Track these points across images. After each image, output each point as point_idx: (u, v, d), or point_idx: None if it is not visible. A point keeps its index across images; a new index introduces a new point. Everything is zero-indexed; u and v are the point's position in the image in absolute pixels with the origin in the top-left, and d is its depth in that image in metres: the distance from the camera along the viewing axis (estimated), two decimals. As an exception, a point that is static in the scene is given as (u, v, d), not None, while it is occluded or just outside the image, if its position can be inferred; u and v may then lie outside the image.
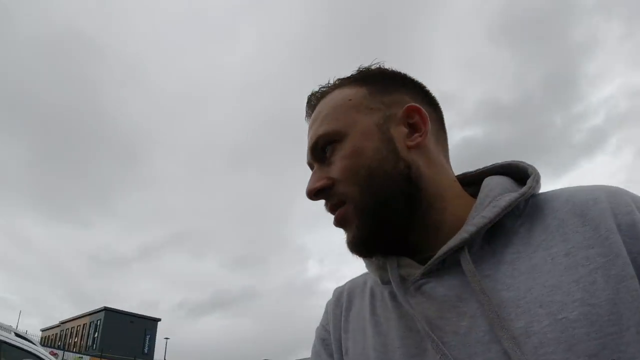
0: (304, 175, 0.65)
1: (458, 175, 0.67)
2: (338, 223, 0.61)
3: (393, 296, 0.59)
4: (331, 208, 0.61)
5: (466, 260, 0.52)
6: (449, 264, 0.54)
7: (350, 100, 0.63)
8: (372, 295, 0.64)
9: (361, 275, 0.71)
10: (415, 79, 0.68)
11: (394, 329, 0.56)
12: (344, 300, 0.69)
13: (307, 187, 0.62)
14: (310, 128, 0.65)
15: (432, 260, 0.55)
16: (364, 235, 0.58)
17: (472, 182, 0.65)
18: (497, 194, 0.57)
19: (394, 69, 0.67)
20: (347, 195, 0.59)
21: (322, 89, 0.67)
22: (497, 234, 0.55)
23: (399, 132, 0.60)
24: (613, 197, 0.52)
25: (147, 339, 45.83)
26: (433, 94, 0.68)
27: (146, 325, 46.30)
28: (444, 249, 0.54)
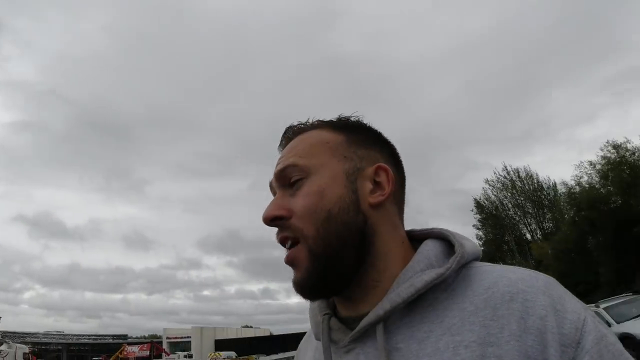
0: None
1: (407, 230, 0.69)
2: (289, 262, 0.63)
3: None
4: (282, 239, 0.63)
5: (380, 335, 0.57)
6: (371, 333, 0.58)
7: (327, 142, 0.66)
8: (316, 348, 0.70)
9: None
10: (388, 139, 0.71)
11: None
12: (299, 353, 0.78)
13: (266, 212, 0.63)
14: (281, 157, 0.68)
15: (354, 331, 0.59)
16: (311, 279, 0.60)
17: (418, 238, 0.67)
18: (420, 270, 0.59)
19: (371, 124, 0.71)
20: (302, 232, 0.60)
21: (301, 125, 0.70)
22: (418, 303, 0.57)
23: (364, 186, 0.63)
24: (532, 296, 0.53)
25: None
26: (400, 156, 0.71)
27: None
28: (364, 322, 0.58)
